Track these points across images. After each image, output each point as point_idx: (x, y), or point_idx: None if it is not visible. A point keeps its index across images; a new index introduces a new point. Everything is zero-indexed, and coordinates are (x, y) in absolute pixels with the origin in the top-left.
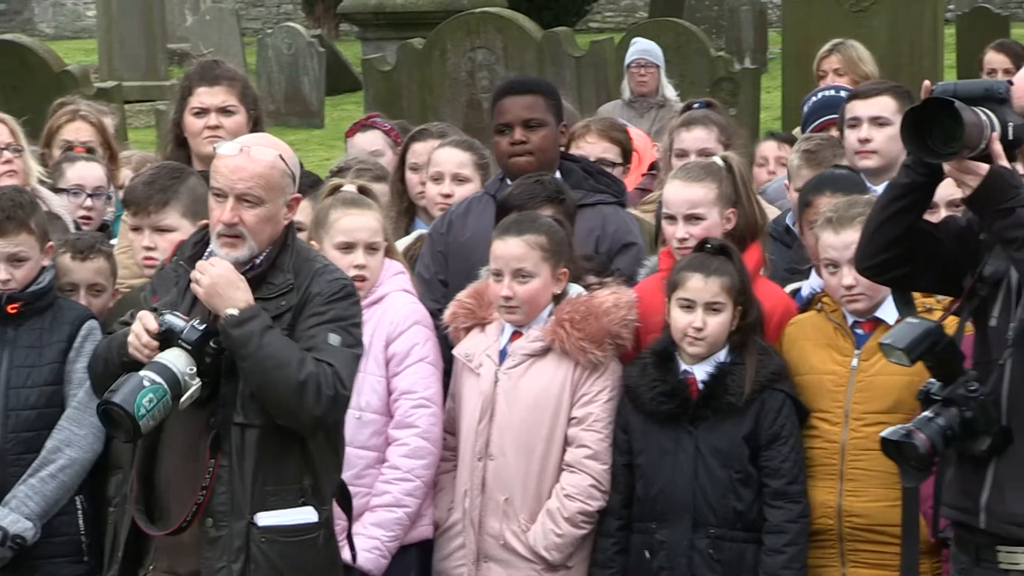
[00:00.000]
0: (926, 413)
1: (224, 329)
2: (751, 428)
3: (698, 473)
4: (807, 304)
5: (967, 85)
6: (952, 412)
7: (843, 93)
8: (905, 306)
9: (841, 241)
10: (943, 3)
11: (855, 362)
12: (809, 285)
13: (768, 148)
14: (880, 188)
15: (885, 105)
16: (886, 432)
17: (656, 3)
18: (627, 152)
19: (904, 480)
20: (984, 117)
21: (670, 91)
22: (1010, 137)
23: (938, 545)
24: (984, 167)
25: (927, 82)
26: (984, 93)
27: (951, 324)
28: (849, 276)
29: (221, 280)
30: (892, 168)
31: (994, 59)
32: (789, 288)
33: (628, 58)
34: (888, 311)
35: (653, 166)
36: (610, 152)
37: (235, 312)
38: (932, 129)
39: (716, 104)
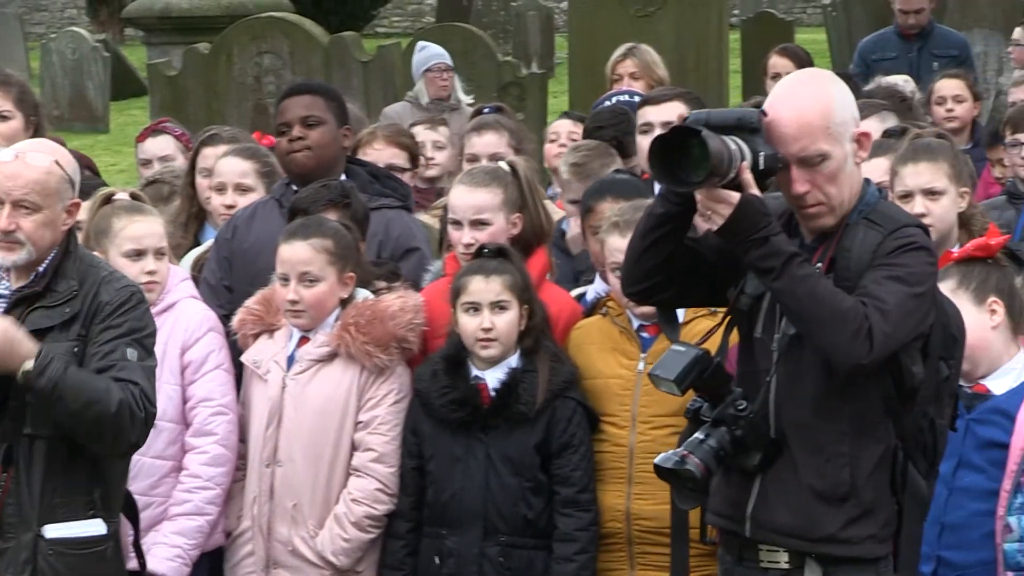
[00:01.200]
0: (697, 435)
1: (27, 386)
2: (542, 437)
3: (489, 481)
4: (592, 308)
5: (720, 114)
6: (722, 432)
7: (636, 98)
8: (668, 325)
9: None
10: (728, 8)
11: (641, 366)
12: (594, 290)
13: (561, 125)
14: None
15: (676, 110)
16: (659, 459)
17: (443, 8)
18: (415, 156)
19: (680, 503)
20: (734, 146)
21: (463, 95)
22: (761, 167)
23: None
24: (735, 196)
25: (681, 113)
26: (736, 122)
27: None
28: None
29: (2, 343)
30: None
31: (778, 63)
32: (575, 293)
33: (426, 62)
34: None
35: None
36: (398, 158)
37: (30, 366)
38: (680, 157)
39: (506, 109)
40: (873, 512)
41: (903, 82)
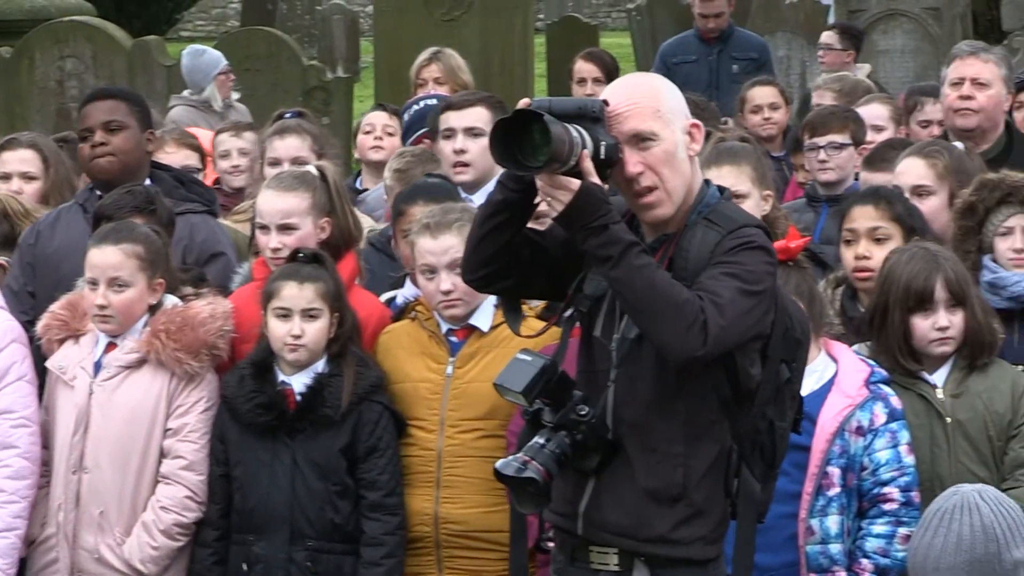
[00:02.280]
0: (537, 440)
1: None
2: (348, 440)
3: (295, 485)
4: (401, 313)
5: (562, 102)
6: (562, 436)
7: (433, 101)
8: (512, 313)
9: (439, 246)
10: (533, 12)
11: (450, 369)
12: (403, 294)
13: (376, 117)
14: (476, 198)
15: (479, 116)
16: (500, 464)
17: (248, 12)
18: (203, 156)
19: (520, 507)
20: (575, 134)
21: (233, 93)
22: (603, 156)
23: (535, 550)
24: (575, 183)
25: (525, 100)
26: (577, 111)
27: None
28: (447, 281)
29: None
30: (487, 179)
31: (583, 68)
32: (384, 297)
33: (216, 65)
34: (482, 318)
35: None
36: (191, 159)
37: None
38: (521, 142)
39: (308, 114)
40: (705, 513)
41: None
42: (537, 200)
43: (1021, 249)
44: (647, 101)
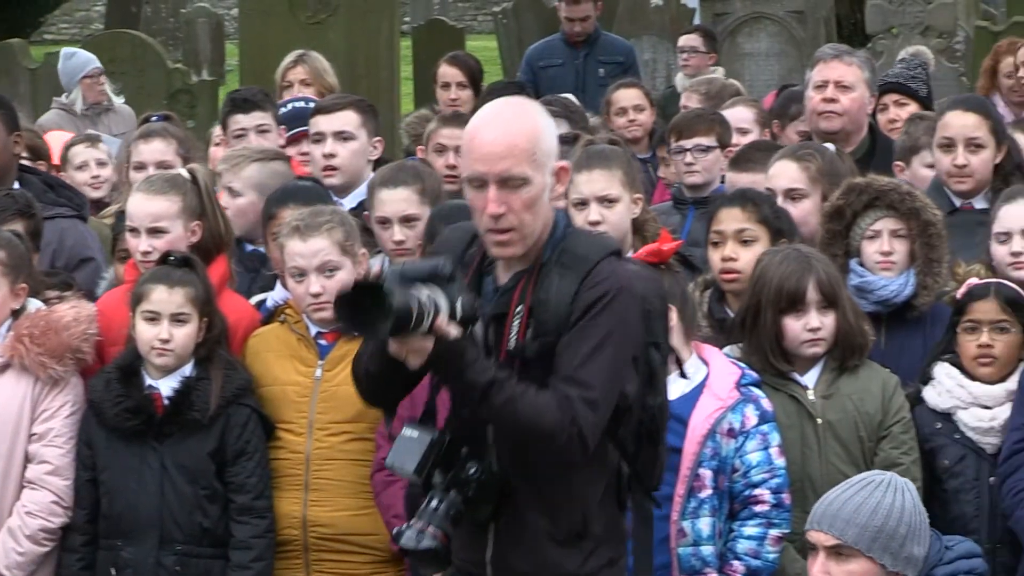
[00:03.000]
0: (430, 503)
1: None
2: (216, 444)
3: (164, 490)
4: (271, 316)
5: (415, 266)
6: (453, 495)
7: (311, 104)
8: (389, 416)
9: (309, 248)
10: (399, 15)
11: (319, 372)
12: (272, 297)
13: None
14: (346, 202)
15: (348, 119)
16: (403, 541)
17: (112, 15)
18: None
19: (422, 572)
20: (426, 298)
21: (114, 96)
22: (459, 316)
23: (402, 554)
24: (427, 346)
25: (376, 268)
26: (430, 273)
27: None
28: (316, 284)
29: None
30: (357, 183)
31: (447, 72)
32: (254, 300)
33: (83, 68)
34: None
35: None
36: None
37: None
38: (370, 308)
39: (174, 117)
40: (607, 540)
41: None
42: None
43: (888, 252)
44: (524, 143)
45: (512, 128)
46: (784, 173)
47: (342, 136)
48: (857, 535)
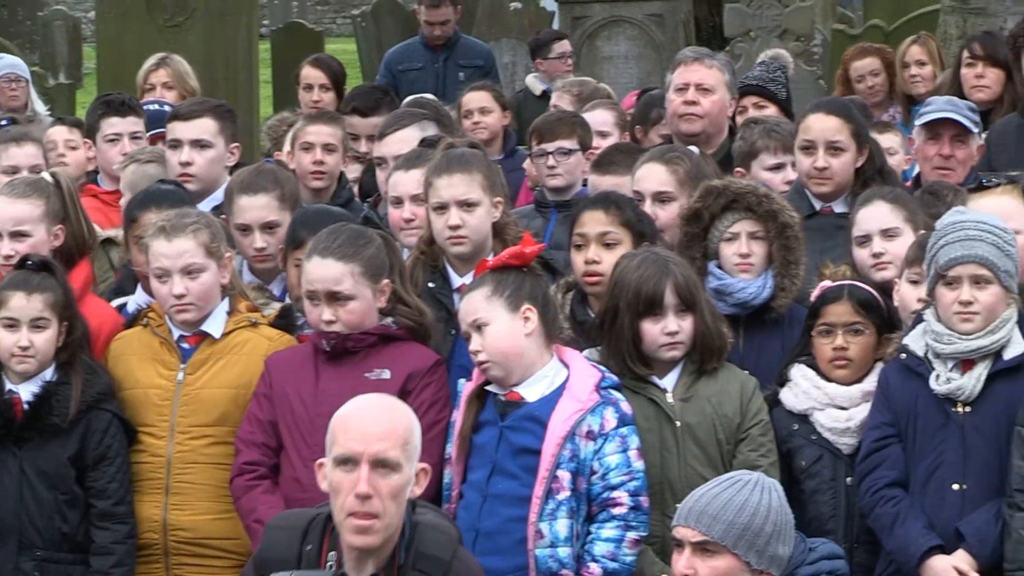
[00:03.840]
0: None
1: None
2: (77, 449)
3: (23, 495)
4: (133, 319)
5: None
6: None
7: (167, 108)
8: None
9: (174, 249)
10: (257, 19)
11: (181, 376)
12: (135, 300)
13: (56, 132)
14: (202, 206)
15: (205, 127)
16: None
17: None
18: None
19: None
20: None
21: (40, 105)
22: None
23: None
24: None
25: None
26: None
27: None
28: (180, 285)
29: None
30: (213, 189)
31: (310, 74)
32: (116, 303)
33: None
34: (214, 325)
35: None
36: None
37: None
38: None
39: (20, 120)
40: None
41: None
42: None
43: (746, 255)
44: (401, 431)
45: (392, 415)
46: (652, 176)
47: (199, 144)
48: (724, 532)
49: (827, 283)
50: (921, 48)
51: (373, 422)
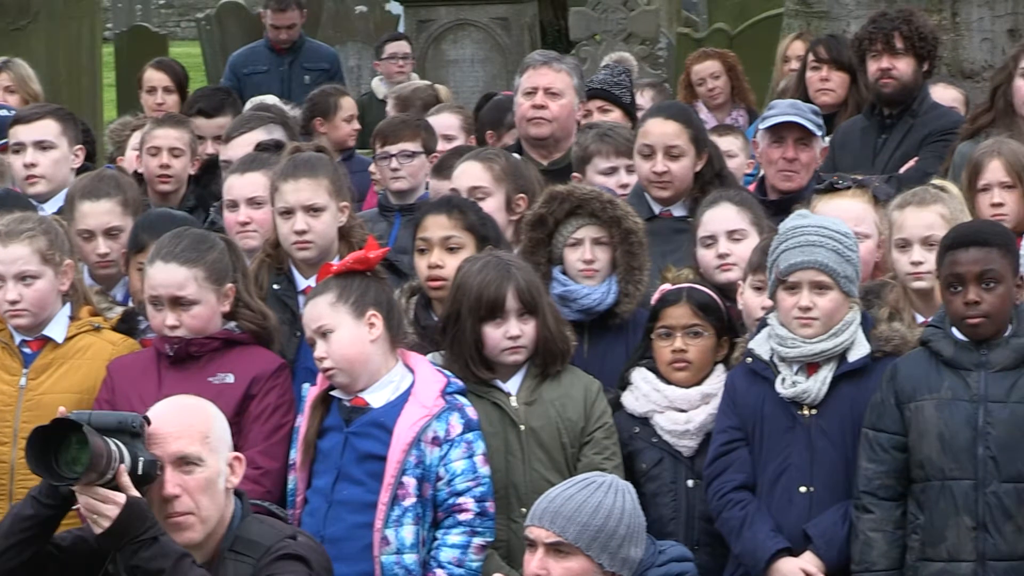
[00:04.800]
0: None
1: None
2: None
3: None
4: None
5: (101, 416)
6: None
7: (8, 112)
8: None
9: (9, 255)
10: (100, 22)
11: (23, 381)
12: None
13: None
14: (47, 207)
15: (47, 129)
16: None
17: None
18: None
19: None
20: (114, 447)
21: None
22: (140, 472)
23: None
24: (121, 496)
25: (62, 408)
26: (117, 425)
27: None
28: (14, 291)
29: None
30: (60, 190)
31: (153, 77)
32: None
33: None
34: (56, 329)
35: None
36: None
37: None
38: (59, 452)
39: None
40: None
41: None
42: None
43: (590, 260)
44: (198, 425)
45: (184, 412)
46: (468, 172)
47: (42, 145)
48: (577, 533)
49: (666, 286)
50: (803, 44)
51: (167, 423)
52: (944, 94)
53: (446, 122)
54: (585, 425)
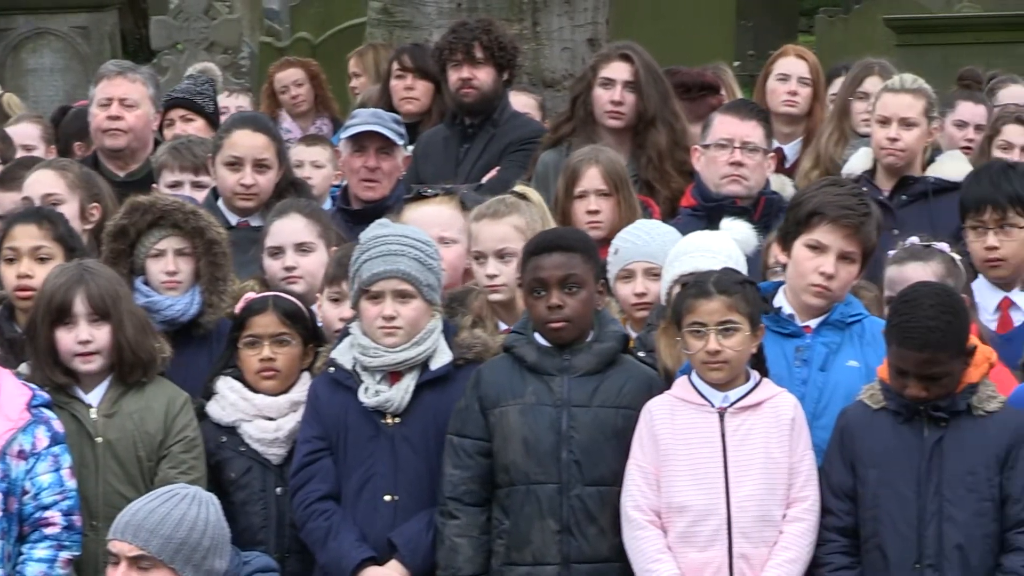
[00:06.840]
0: None
1: None
2: None
3: None
4: None
5: None
6: None
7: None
8: None
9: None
10: None
11: None
12: None
13: None
14: None
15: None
16: None
17: None
18: None
19: None
20: None
21: None
22: None
23: None
24: None
25: None
26: None
27: None
28: None
29: None
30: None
31: None
32: None
33: None
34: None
35: None
36: None
37: None
38: None
39: None
40: None
41: None
42: None
43: (173, 271)
44: None
45: None
46: (42, 180)
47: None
48: (161, 546)
49: (251, 295)
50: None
51: None
52: (517, 100)
53: (26, 132)
54: (164, 438)
